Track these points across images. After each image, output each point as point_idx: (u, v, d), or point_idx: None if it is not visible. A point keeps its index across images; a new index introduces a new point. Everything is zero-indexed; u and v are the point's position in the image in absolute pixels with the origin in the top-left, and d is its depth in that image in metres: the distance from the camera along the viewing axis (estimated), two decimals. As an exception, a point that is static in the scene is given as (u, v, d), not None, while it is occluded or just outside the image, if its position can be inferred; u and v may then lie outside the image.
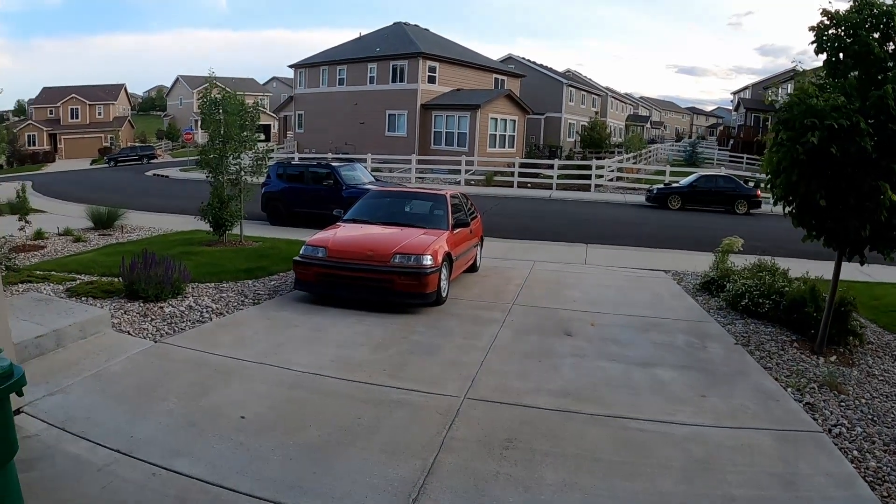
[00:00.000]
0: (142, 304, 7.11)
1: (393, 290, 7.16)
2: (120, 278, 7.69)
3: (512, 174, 28.00)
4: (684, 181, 23.72)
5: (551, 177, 27.80)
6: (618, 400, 5.02)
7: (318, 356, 5.69)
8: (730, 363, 6.05)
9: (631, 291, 9.23)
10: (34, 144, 58.50)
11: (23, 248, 11.43)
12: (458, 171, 28.43)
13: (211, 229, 11.90)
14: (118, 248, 11.25)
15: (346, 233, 8.16)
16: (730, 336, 6.92)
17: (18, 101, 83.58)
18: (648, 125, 77.60)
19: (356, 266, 7.27)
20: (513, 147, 35.23)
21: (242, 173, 12.12)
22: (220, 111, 11.96)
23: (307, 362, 5.50)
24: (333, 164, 16.58)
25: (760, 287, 7.73)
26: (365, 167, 20.47)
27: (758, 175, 26.35)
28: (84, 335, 5.87)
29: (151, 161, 51.91)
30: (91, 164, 51.88)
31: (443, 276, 7.61)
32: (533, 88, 43.36)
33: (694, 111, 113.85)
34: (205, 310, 7.12)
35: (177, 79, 77.96)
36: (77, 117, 61.94)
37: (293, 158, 31.31)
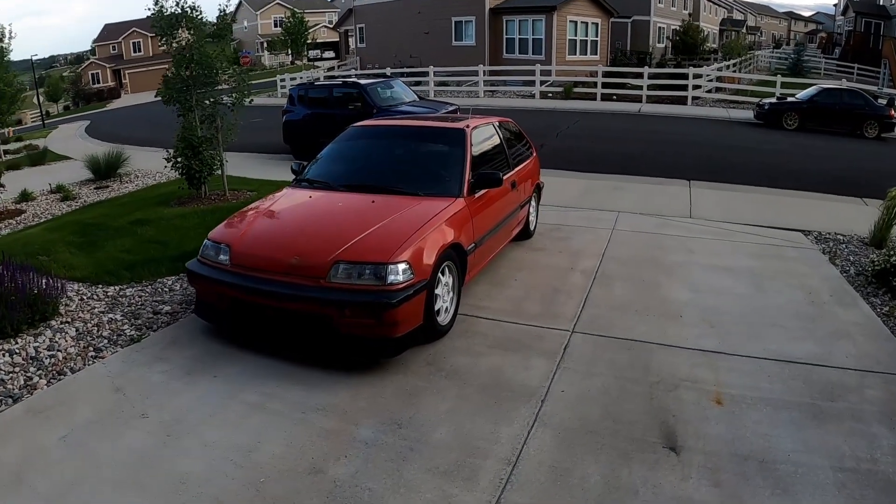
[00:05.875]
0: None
1: (334, 330, 3.90)
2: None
3: (594, 85, 23.22)
4: (802, 95, 18.61)
5: (640, 87, 22.79)
6: None
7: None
8: None
9: (768, 286, 5.53)
10: (98, 82, 57.69)
11: (2, 215, 9.48)
12: (533, 83, 23.98)
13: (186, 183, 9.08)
14: (77, 217, 8.73)
15: (271, 213, 4.87)
16: None
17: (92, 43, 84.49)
18: (744, 30, 69.37)
19: (271, 285, 4.01)
20: (595, 54, 29.90)
21: (221, 106, 9.07)
22: (185, 29, 8.86)
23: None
24: (362, 81, 13.21)
25: None
26: (404, 83, 16.87)
27: (886, 90, 20.64)
28: None
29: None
30: (156, 97, 51.06)
31: (439, 293, 4.29)
32: (617, -14, 36.94)
33: (792, 16, 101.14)
34: (45, 362, 4.28)
35: (240, 2, 75.26)
36: (140, 51, 60.61)
37: (351, 76, 27.95)
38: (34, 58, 43.76)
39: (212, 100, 8.97)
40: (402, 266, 3.89)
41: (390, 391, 3.70)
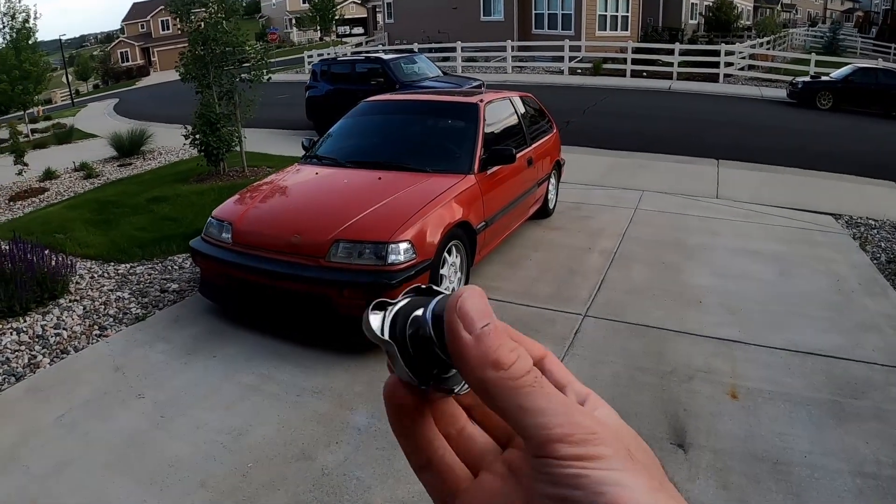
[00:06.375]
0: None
1: (333, 311, 3.78)
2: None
3: (624, 61, 22.48)
4: (836, 74, 17.76)
5: (671, 64, 22.02)
6: None
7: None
8: None
9: (795, 272, 5.25)
10: (127, 61, 58.06)
11: (24, 194, 9.61)
12: (562, 59, 23.35)
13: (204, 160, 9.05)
14: (96, 195, 8.77)
15: (276, 191, 4.74)
16: None
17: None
18: (779, 7, 66.66)
19: (271, 264, 3.90)
20: (626, 29, 28.83)
21: (239, 83, 8.98)
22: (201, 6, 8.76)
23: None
24: (384, 56, 13.00)
25: None
26: (432, 59, 16.57)
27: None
28: None
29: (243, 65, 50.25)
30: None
31: (445, 273, 4.14)
32: (649, -40, 35.61)
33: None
34: (50, 340, 4.29)
35: (268, -22, 74.82)
36: (168, 28, 60.45)
37: (378, 51, 27.63)
38: (63, 37, 44.34)
39: (230, 76, 8.87)
40: (403, 245, 3.74)
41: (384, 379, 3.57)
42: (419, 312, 0.37)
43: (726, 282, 4.99)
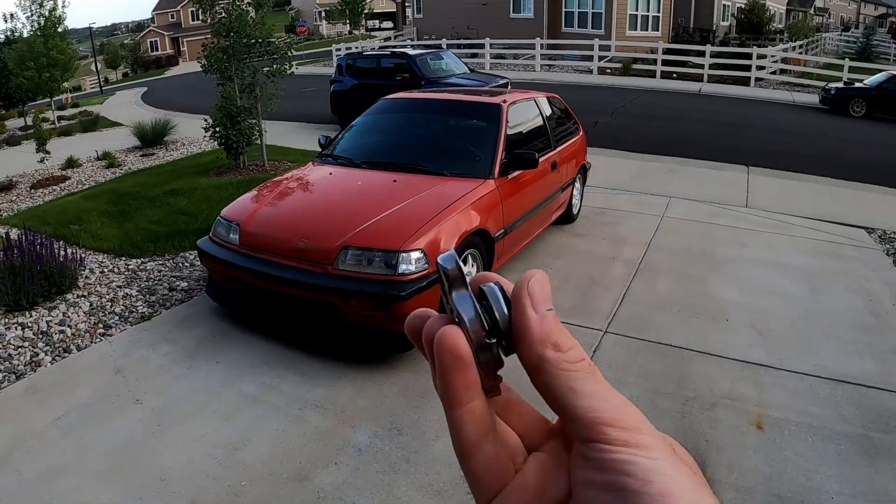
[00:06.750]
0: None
1: (339, 319, 3.63)
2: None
3: (654, 62, 22.01)
4: (870, 81, 17.16)
5: (702, 66, 21.51)
6: None
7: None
8: None
9: (825, 289, 5.00)
10: (157, 50, 58.40)
11: (46, 182, 9.67)
12: (591, 58, 22.94)
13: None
14: (115, 185, 8.75)
15: (287, 191, 4.58)
16: None
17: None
18: (811, 11, 65.05)
19: (277, 269, 3.76)
20: (657, 30, 28.21)
21: (261, 75, 8.89)
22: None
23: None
24: (410, 52, 12.82)
25: None
26: (460, 55, 16.37)
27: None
28: None
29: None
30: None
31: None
32: (681, -40, 34.87)
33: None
34: (54, 338, 4.21)
35: (298, -29, 74.96)
36: (197, 19, 60.75)
37: (406, 46, 27.48)
38: (94, 26, 44.94)
39: (252, 69, 8.78)
40: (415, 255, 3.58)
41: (396, 390, 3.42)
42: (488, 286, 0.38)
43: (754, 297, 4.76)
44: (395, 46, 26.74)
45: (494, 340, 0.37)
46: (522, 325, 0.36)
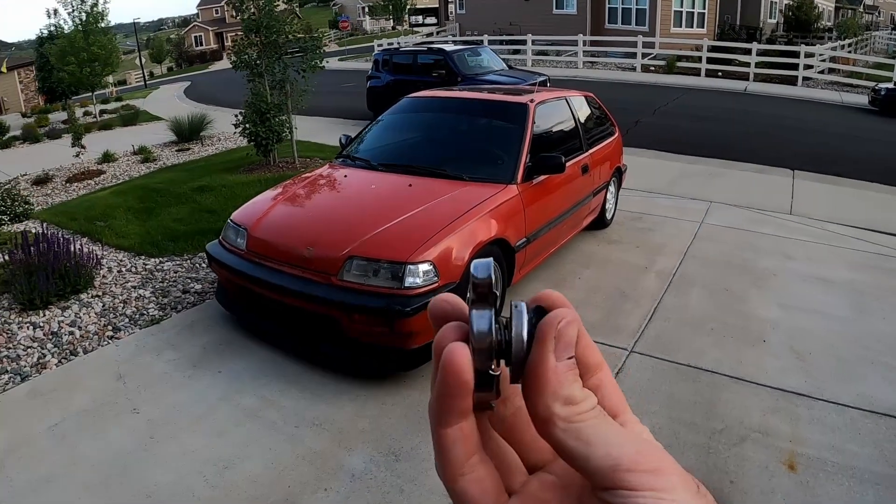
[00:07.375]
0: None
1: (343, 336, 3.46)
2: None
3: (699, 60, 21.25)
4: None
5: (748, 64, 20.67)
6: None
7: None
8: None
9: (872, 307, 4.60)
10: (201, 45, 59.25)
11: (82, 176, 9.81)
12: (635, 55, 22.29)
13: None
14: (145, 181, 8.81)
15: (298, 194, 4.41)
16: None
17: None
18: (861, 9, 62.15)
19: (281, 278, 3.59)
20: (702, 27, 27.28)
21: (292, 71, 8.81)
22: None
23: None
24: (447, 48, 12.65)
25: None
26: (501, 51, 16.09)
27: None
28: None
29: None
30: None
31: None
32: (728, -44, 33.68)
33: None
34: (63, 339, 4.18)
35: (342, -33, 75.27)
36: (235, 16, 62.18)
37: (448, 41, 27.29)
38: (139, 20, 46.00)
39: (282, 65, 8.70)
40: (423, 267, 3.37)
41: (399, 411, 3.23)
42: (518, 305, 0.35)
43: (794, 316, 4.42)
44: (430, 43, 26.52)
45: (499, 374, 0.34)
46: (538, 372, 0.34)
